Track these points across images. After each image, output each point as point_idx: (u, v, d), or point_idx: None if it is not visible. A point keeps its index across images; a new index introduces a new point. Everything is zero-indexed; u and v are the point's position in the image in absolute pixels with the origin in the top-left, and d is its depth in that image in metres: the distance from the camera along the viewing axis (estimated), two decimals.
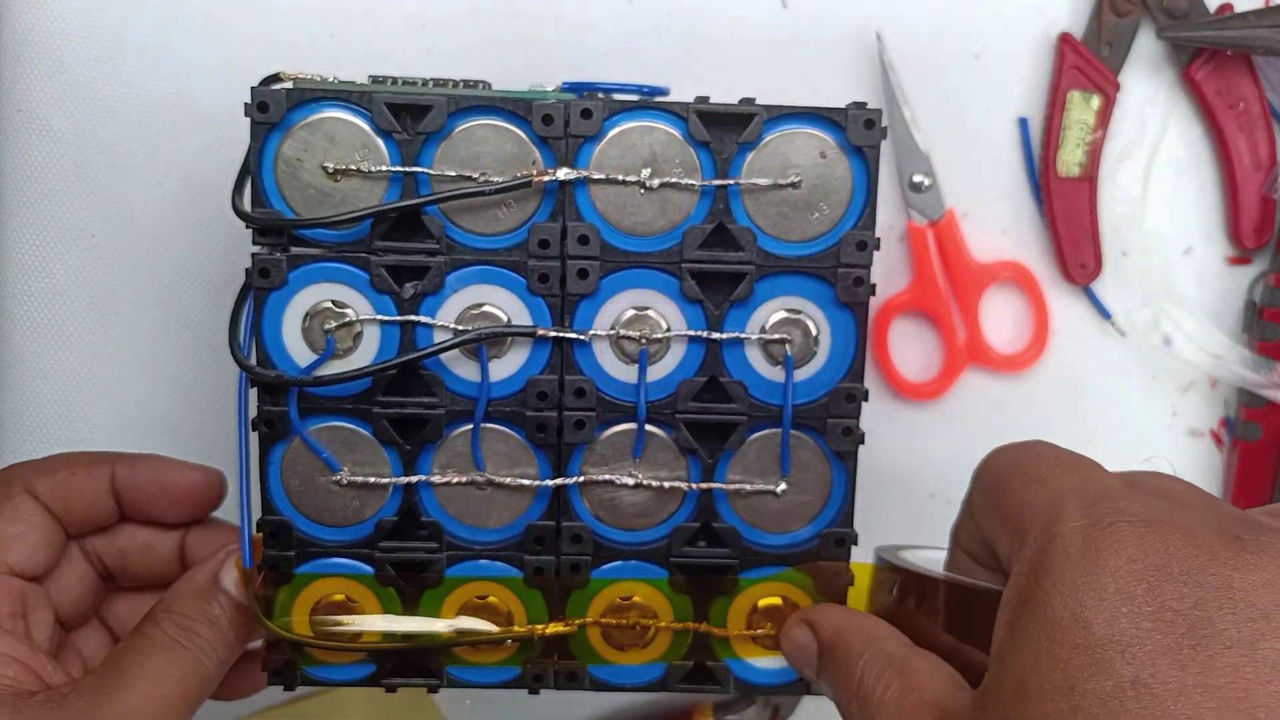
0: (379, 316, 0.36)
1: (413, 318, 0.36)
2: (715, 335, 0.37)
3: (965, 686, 0.30)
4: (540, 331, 0.36)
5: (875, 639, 0.34)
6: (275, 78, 0.37)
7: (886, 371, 0.48)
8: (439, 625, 0.37)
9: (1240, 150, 0.47)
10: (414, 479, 0.37)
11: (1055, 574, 0.26)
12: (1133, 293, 0.48)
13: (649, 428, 0.37)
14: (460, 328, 0.36)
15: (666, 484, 0.37)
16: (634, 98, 0.37)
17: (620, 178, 0.36)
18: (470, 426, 0.37)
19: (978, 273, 0.48)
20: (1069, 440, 0.48)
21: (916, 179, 0.47)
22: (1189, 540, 0.26)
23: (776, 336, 0.37)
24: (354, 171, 0.35)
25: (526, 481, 0.37)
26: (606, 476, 0.37)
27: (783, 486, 0.38)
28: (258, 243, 0.36)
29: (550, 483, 0.37)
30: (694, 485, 0.37)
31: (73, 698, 0.33)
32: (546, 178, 0.35)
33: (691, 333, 0.37)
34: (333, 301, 0.36)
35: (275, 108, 0.35)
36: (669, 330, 0.37)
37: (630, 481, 0.37)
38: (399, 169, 0.35)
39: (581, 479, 0.37)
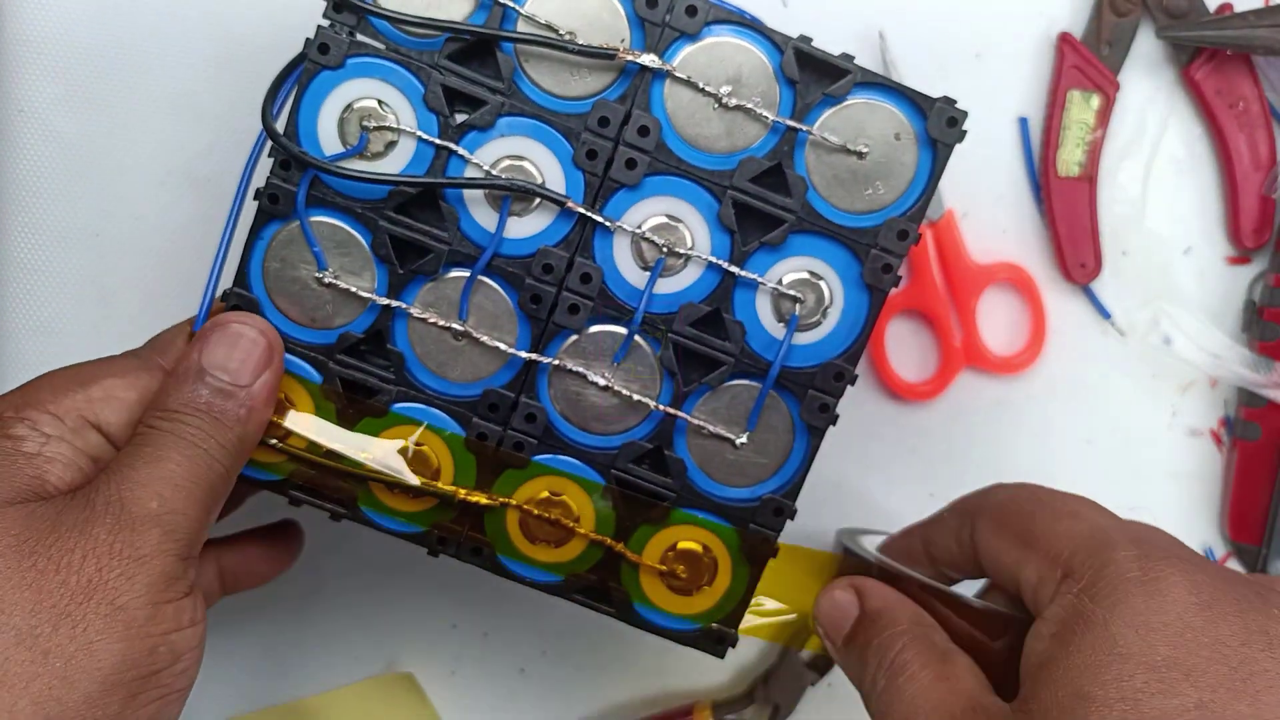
0: (420, 132, 0.35)
1: (452, 145, 0.35)
2: (735, 270, 0.36)
3: (993, 693, 0.32)
4: (570, 204, 0.35)
5: (923, 623, 0.35)
6: None
7: (883, 371, 0.48)
8: (366, 453, 0.36)
9: (1240, 150, 0.47)
10: (395, 303, 0.36)
11: (1116, 596, 0.29)
12: (1133, 293, 0.49)
13: (637, 338, 0.37)
14: (494, 173, 0.35)
15: (635, 396, 0.37)
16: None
17: (701, 85, 0.35)
18: (467, 274, 0.36)
19: (975, 274, 0.48)
20: (1069, 440, 0.49)
21: None
22: (1229, 584, 0.29)
23: (791, 293, 0.36)
24: None
25: (502, 346, 0.36)
26: (581, 370, 0.37)
27: (743, 439, 0.37)
28: (328, 17, 0.35)
29: (525, 355, 0.37)
30: (660, 407, 0.37)
31: (93, 490, 0.31)
32: (631, 58, 0.35)
33: (713, 259, 0.36)
34: (379, 101, 0.35)
35: None
36: (692, 248, 0.36)
37: (601, 382, 0.37)
38: None
39: (555, 362, 0.37)
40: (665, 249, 0.36)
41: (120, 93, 0.46)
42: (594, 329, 0.37)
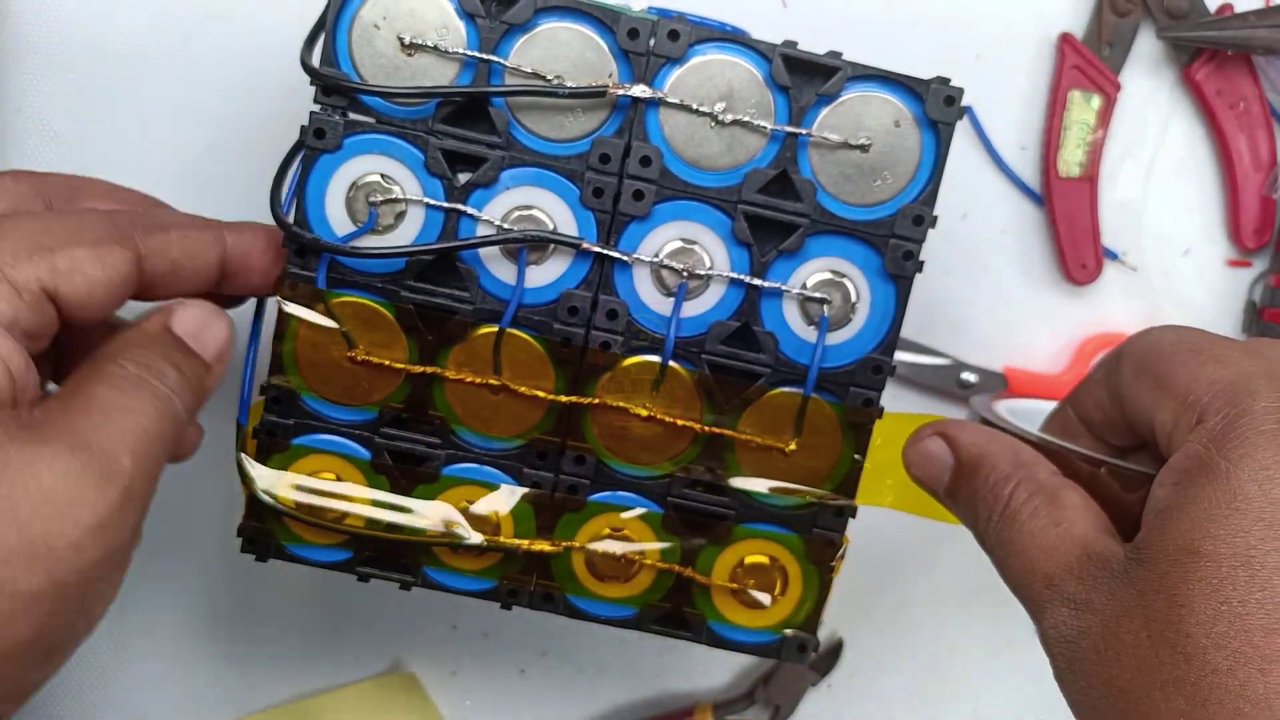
0: (427, 199, 0.36)
1: (460, 206, 0.36)
2: (757, 282, 0.36)
3: (1113, 532, 0.30)
4: (585, 245, 0.36)
5: (1025, 463, 0.33)
6: None
7: None
8: (424, 519, 0.37)
9: (1240, 150, 0.47)
10: (429, 369, 0.36)
11: (1245, 448, 0.27)
12: (1132, 293, 0.48)
13: (673, 363, 0.37)
14: (506, 226, 0.36)
15: (679, 422, 0.37)
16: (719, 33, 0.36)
17: (694, 106, 0.35)
18: (495, 328, 0.36)
19: None
20: None
21: None
22: None
23: (817, 295, 0.36)
24: (429, 48, 0.35)
25: (541, 394, 0.37)
26: (621, 404, 0.37)
27: (792, 446, 0.37)
28: (319, 101, 0.35)
29: (564, 399, 0.37)
30: (706, 428, 0.37)
31: (53, 421, 0.29)
32: (621, 91, 0.35)
33: (734, 275, 0.36)
34: (382, 175, 0.36)
35: None
36: (712, 268, 0.36)
37: (643, 413, 0.37)
38: (476, 54, 0.35)
39: (596, 401, 0.37)
40: (685, 273, 0.36)
41: (118, 93, 0.46)
42: (627, 362, 0.37)
